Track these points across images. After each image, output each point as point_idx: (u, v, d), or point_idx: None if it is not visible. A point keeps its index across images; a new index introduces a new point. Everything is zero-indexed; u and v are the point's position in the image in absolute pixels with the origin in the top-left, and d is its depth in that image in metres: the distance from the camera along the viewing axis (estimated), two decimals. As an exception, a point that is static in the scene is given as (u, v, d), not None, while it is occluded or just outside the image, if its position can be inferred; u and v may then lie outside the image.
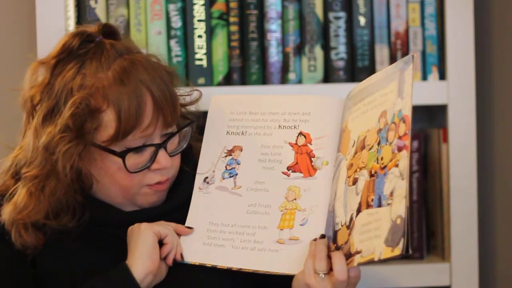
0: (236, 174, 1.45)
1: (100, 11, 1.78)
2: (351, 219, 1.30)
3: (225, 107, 1.50)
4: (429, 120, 1.93)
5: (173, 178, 1.46)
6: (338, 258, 1.28)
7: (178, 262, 1.40)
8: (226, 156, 1.47)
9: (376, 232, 1.24)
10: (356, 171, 1.33)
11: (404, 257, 1.85)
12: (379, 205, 1.25)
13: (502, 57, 1.93)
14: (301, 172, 1.41)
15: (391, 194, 1.24)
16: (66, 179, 1.35)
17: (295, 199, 1.40)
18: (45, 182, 1.36)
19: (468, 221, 1.82)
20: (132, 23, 1.79)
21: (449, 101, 1.80)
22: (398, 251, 1.19)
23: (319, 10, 1.81)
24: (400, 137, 1.26)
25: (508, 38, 1.93)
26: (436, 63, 1.82)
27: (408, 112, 1.26)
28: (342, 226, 1.32)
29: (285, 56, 1.82)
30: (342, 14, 1.81)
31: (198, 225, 1.43)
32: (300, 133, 1.44)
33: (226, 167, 1.46)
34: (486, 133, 1.94)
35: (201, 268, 1.40)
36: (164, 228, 1.38)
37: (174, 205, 1.45)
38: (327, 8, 1.81)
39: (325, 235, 1.34)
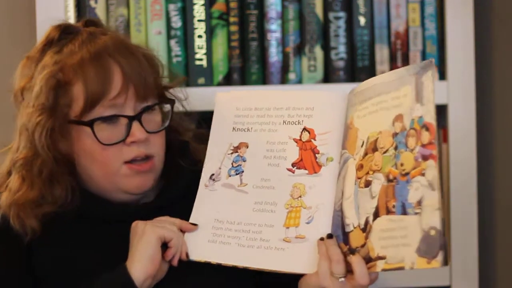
0: (242, 171, 1.43)
1: (100, 11, 1.78)
2: (366, 222, 1.29)
3: (231, 103, 1.49)
4: (429, 120, 1.93)
5: (158, 163, 1.44)
6: (358, 262, 1.27)
7: (184, 261, 1.39)
8: (232, 153, 1.45)
9: (403, 240, 1.23)
10: (368, 173, 1.31)
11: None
12: (404, 213, 1.24)
13: (502, 57, 1.93)
14: (305, 169, 1.39)
15: (419, 203, 1.22)
16: (49, 157, 1.38)
17: (300, 196, 1.38)
18: (32, 162, 1.39)
19: (468, 221, 1.82)
20: (132, 23, 1.79)
21: (449, 101, 1.80)
22: (436, 263, 1.19)
23: (319, 10, 1.81)
24: (424, 145, 1.24)
25: (508, 38, 1.93)
26: (436, 63, 1.82)
27: (431, 120, 1.24)
28: (355, 228, 1.30)
29: (285, 56, 1.82)
30: (342, 14, 1.81)
31: (203, 222, 1.42)
32: (304, 129, 1.41)
33: (232, 164, 1.45)
34: (486, 133, 1.94)
35: (200, 267, 1.39)
36: (169, 231, 1.36)
37: (167, 199, 1.45)
38: (327, 8, 1.81)
39: (332, 235, 1.33)
